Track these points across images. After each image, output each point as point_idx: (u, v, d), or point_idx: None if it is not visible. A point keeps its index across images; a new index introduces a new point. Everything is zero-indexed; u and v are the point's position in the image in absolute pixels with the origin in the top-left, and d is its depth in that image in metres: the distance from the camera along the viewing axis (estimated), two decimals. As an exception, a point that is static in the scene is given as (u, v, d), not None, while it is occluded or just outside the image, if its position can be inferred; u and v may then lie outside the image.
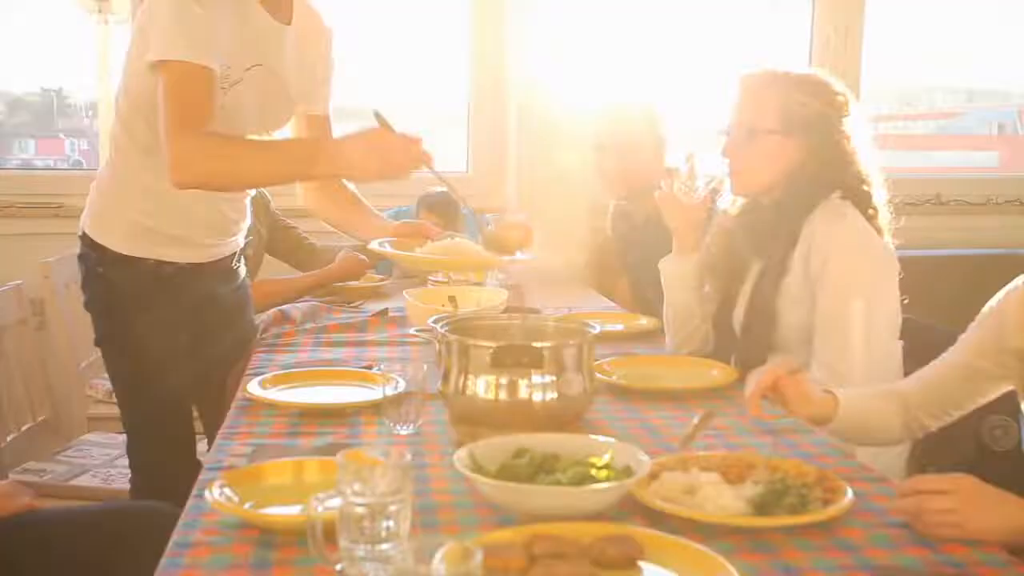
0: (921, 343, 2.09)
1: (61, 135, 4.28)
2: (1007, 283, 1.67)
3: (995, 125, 5.00)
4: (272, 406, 1.80)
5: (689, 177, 2.20)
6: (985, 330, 1.66)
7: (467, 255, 2.18)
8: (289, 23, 2.13)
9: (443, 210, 3.12)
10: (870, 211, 2.05)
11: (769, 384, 1.55)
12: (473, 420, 1.63)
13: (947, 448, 1.79)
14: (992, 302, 1.68)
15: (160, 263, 2.16)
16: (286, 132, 2.30)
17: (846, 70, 3.79)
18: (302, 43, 2.17)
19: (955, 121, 5.02)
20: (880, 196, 2.07)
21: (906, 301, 2.07)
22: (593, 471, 1.34)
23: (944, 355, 1.74)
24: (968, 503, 1.25)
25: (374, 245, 2.22)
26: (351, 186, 2.32)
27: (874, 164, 2.08)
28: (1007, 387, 1.69)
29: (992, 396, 1.73)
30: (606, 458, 1.39)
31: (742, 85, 2.11)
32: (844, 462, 1.56)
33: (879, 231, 2.05)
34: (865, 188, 2.05)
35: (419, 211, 3.23)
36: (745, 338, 2.14)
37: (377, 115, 1.98)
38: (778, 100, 2.04)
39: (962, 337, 1.72)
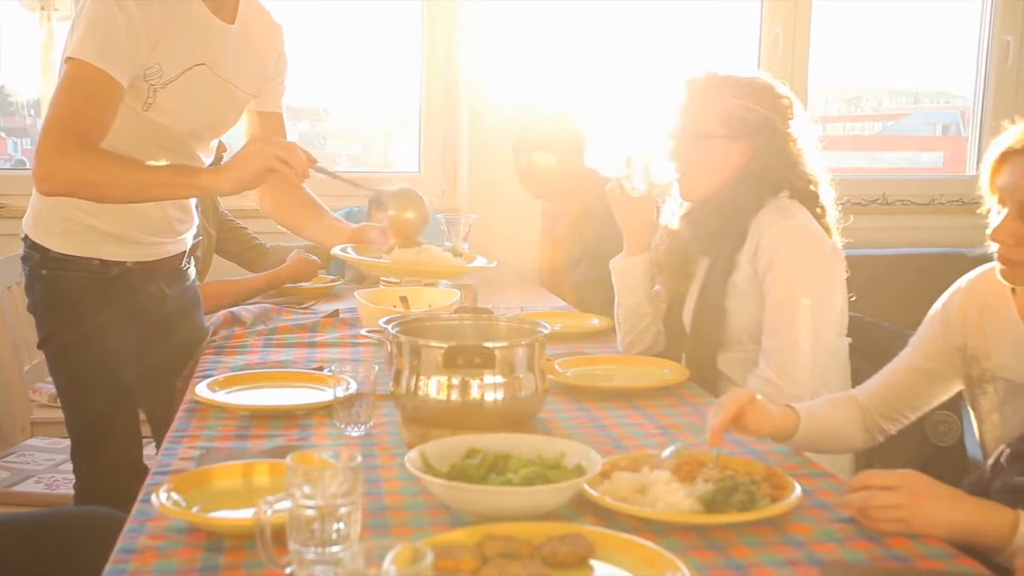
0: (867, 340, 2.12)
1: (3, 134, 4.19)
2: (951, 281, 1.70)
3: (939, 127, 5.09)
4: (221, 408, 1.78)
5: (636, 177, 2.21)
6: (933, 331, 1.68)
7: (436, 263, 2.17)
8: (233, 22, 2.11)
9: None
10: (817, 210, 2.07)
11: (734, 415, 1.51)
12: (425, 421, 1.62)
13: (892, 443, 1.81)
14: (938, 303, 1.70)
15: (105, 263, 2.12)
16: (238, 131, 2.28)
17: (793, 72, 3.85)
18: (248, 42, 2.15)
19: (900, 123, 5.11)
20: (827, 196, 2.10)
21: (853, 299, 2.11)
22: (545, 471, 1.34)
23: (896, 359, 1.75)
24: (914, 499, 1.27)
25: (336, 251, 2.21)
26: (307, 188, 2.30)
27: (820, 165, 2.11)
28: (957, 387, 1.71)
29: (945, 397, 1.74)
30: (558, 457, 1.39)
31: (687, 89, 2.12)
32: (793, 459, 1.58)
33: (826, 229, 2.08)
34: (812, 189, 2.08)
35: (371, 211, 3.22)
36: (694, 336, 2.16)
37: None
38: (722, 105, 2.06)
39: (912, 340, 1.74)
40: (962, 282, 1.65)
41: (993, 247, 1.49)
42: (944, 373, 1.69)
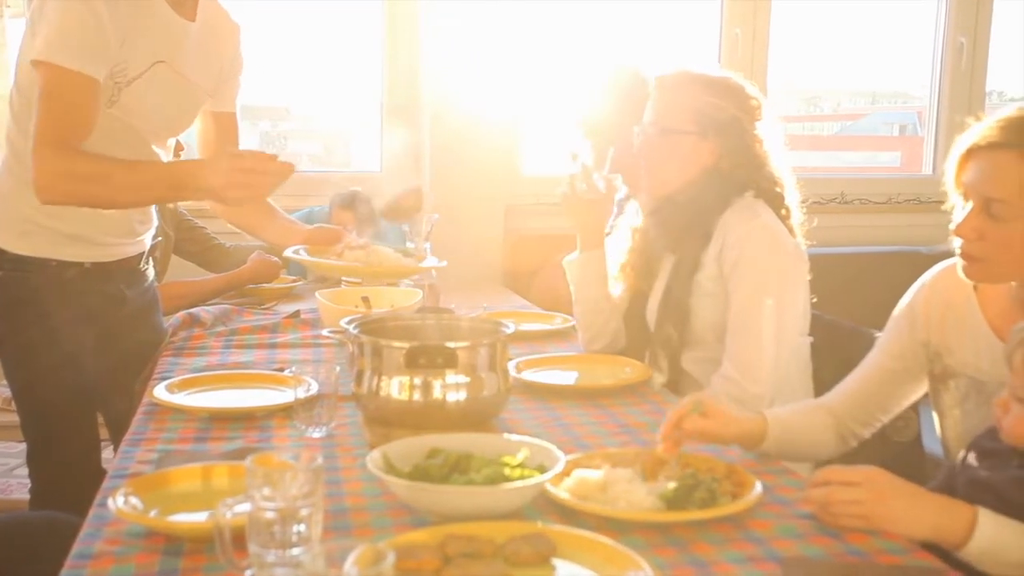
0: (827, 339, 2.14)
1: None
2: (908, 279, 1.71)
3: (896, 127, 5.16)
4: (180, 411, 1.76)
5: (585, 175, 2.21)
6: (899, 329, 1.69)
7: (385, 263, 2.17)
8: (193, 20, 2.09)
9: (357, 208, 3.10)
10: (782, 211, 2.09)
11: (674, 423, 1.49)
12: (387, 421, 1.61)
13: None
14: (902, 302, 1.71)
15: (63, 264, 2.09)
16: (192, 130, 2.26)
17: (753, 72, 3.87)
18: (207, 40, 2.13)
19: (858, 123, 5.17)
20: (792, 197, 2.12)
21: (814, 300, 2.13)
22: (507, 470, 1.34)
23: (863, 362, 1.75)
24: (875, 496, 1.28)
25: (289, 253, 2.19)
26: None
27: (786, 167, 2.13)
28: (919, 389, 1.71)
29: (916, 396, 1.74)
30: (520, 457, 1.39)
31: (658, 85, 2.13)
32: (754, 456, 1.59)
33: (791, 230, 2.09)
34: (777, 189, 2.10)
35: (332, 210, 3.20)
36: (659, 334, 2.16)
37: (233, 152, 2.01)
38: (693, 102, 2.07)
39: (878, 342, 1.74)
40: (926, 278, 1.66)
41: (956, 243, 1.51)
42: (912, 371, 1.69)
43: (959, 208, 1.50)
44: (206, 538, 1.14)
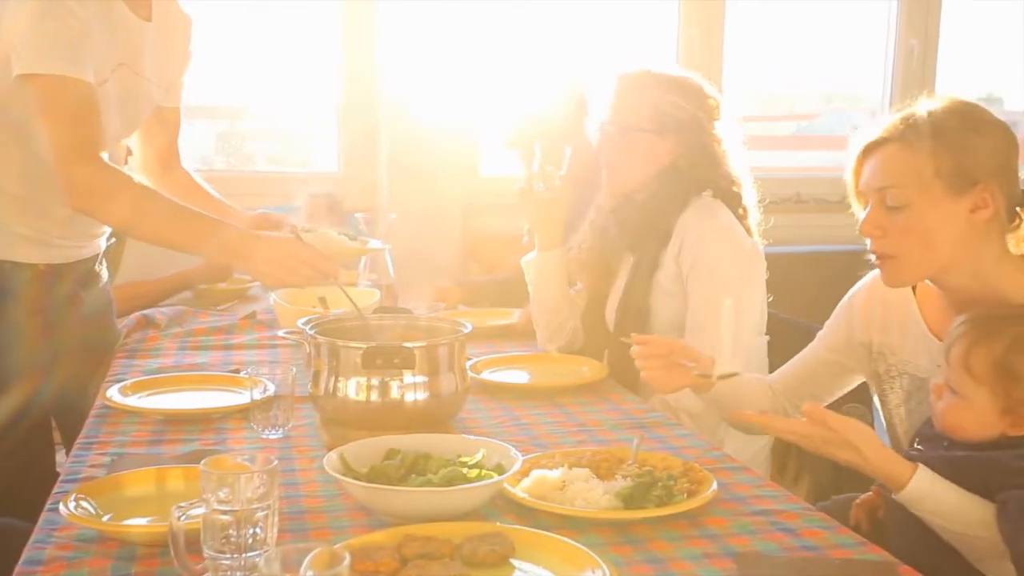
0: (782, 337, 2.17)
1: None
2: (862, 278, 1.74)
3: (851, 127, 5.23)
4: (134, 413, 1.74)
5: (542, 174, 2.22)
6: (837, 326, 1.74)
7: (331, 247, 2.17)
8: (150, 19, 2.06)
9: (329, 203, 3.11)
10: (740, 211, 2.11)
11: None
12: (344, 422, 1.61)
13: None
14: (844, 299, 1.75)
15: (17, 265, 2.05)
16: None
17: (709, 72, 3.89)
18: (163, 39, 2.10)
19: (813, 123, 5.23)
20: (750, 197, 2.14)
21: (771, 299, 2.15)
22: (464, 470, 1.35)
23: (805, 349, 1.81)
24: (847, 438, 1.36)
25: None
26: (201, 181, 2.26)
27: (744, 167, 2.15)
28: (860, 379, 1.76)
29: (847, 389, 1.80)
30: (478, 457, 1.39)
31: (619, 84, 2.15)
32: (709, 453, 1.61)
33: (748, 230, 2.12)
34: (735, 190, 2.12)
35: (307, 201, 3.20)
36: (618, 334, 2.17)
37: (293, 229, 1.96)
38: (653, 100, 2.09)
39: (819, 333, 1.79)
40: (866, 280, 1.70)
41: (870, 251, 1.54)
42: (846, 366, 1.74)
43: (860, 211, 1.53)
44: (160, 542, 1.13)
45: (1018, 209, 1.46)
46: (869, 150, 1.49)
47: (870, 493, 1.56)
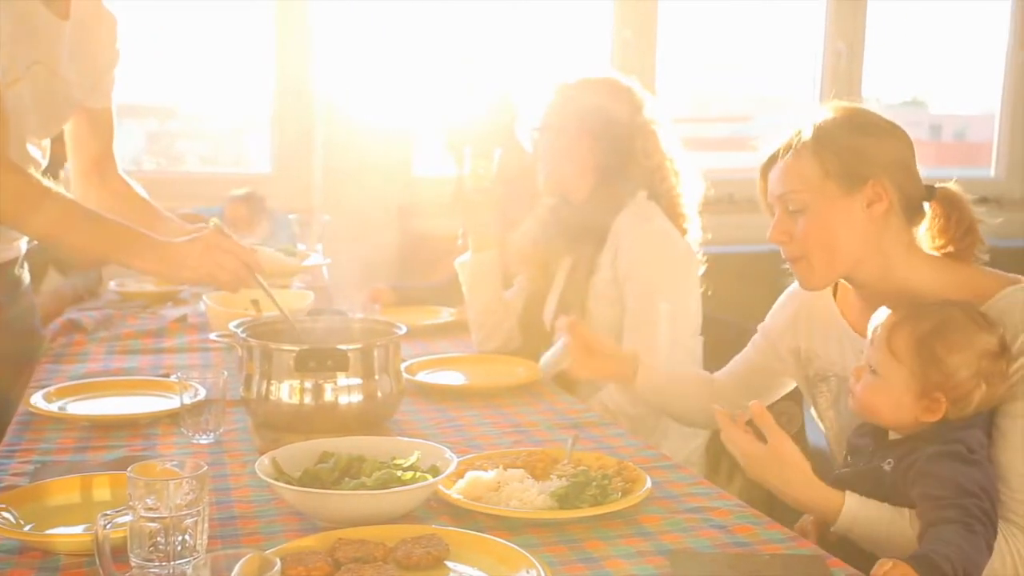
0: (716, 337, 2.19)
1: None
2: (793, 278, 1.77)
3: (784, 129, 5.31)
4: (58, 420, 1.70)
5: (474, 177, 2.22)
6: (767, 332, 1.77)
7: (268, 264, 2.14)
8: (67, 18, 2.01)
9: (251, 203, 3.07)
10: (675, 213, 2.13)
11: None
12: (277, 426, 1.59)
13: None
14: (774, 307, 1.79)
15: (-66, 270, 1.99)
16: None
17: (643, 74, 3.93)
18: (83, 37, 2.05)
19: (747, 125, 5.30)
20: (687, 200, 2.16)
21: (706, 299, 2.18)
22: (399, 473, 1.34)
23: (741, 353, 1.84)
24: (774, 461, 1.42)
25: None
26: (136, 186, 2.22)
27: (680, 169, 2.17)
28: (792, 384, 1.79)
29: (780, 393, 1.83)
30: (412, 459, 1.38)
31: (557, 87, 2.17)
32: (643, 452, 1.62)
33: (684, 232, 2.14)
34: (672, 193, 2.14)
35: (227, 206, 3.16)
36: (557, 335, 2.18)
37: (215, 224, 1.91)
38: (588, 104, 2.11)
39: (753, 339, 1.82)
40: (791, 288, 1.73)
41: (780, 252, 1.57)
42: (776, 370, 1.77)
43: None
44: (85, 552, 1.11)
45: (924, 205, 1.50)
46: (768, 165, 1.55)
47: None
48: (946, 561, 1.20)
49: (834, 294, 1.63)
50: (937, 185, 1.51)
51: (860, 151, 1.46)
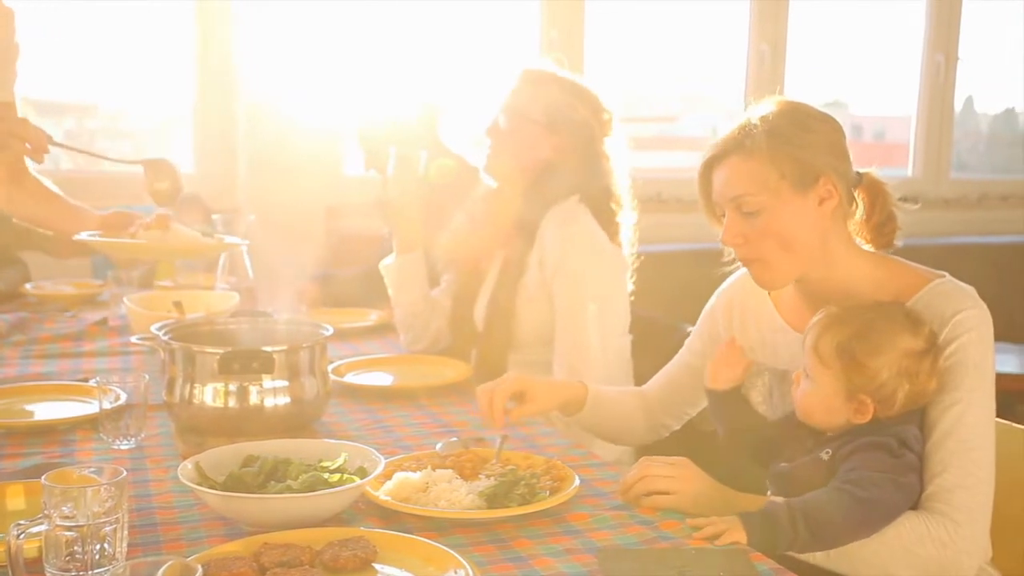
0: (644, 335, 2.21)
1: None
2: (721, 276, 1.78)
3: (711, 128, 5.39)
4: (-29, 427, 1.64)
5: (396, 178, 2.21)
6: (702, 331, 1.77)
7: (186, 243, 2.11)
8: None
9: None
10: (607, 220, 2.13)
11: (495, 414, 1.59)
12: (201, 430, 1.56)
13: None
14: (707, 305, 1.78)
15: None
16: None
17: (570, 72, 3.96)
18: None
19: (674, 124, 5.36)
20: (626, 217, 2.17)
21: (633, 298, 2.19)
22: (326, 475, 1.32)
23: (675, 357, 1.82)
24: (685, 477, 1.39)
25: (83, 236, 2.09)
26: (52, 186, 2.16)
27: (625, 185, 2.18)
28: None
29: None
30: (339, 461, 1.37)
31: (521, 74, 2.18)
32: (573, 451, 1.63)
33: (612, 235, 2.14)
34: (612, 206, 2.14)
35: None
36: (486, 336, 2.18)
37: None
38: (549, 96, 2.12)
39: (687, 340, 1.82)
40: (725, 285, 1.75)
41: (733, 254, 1.58)
42: None
43: (716, 221, 1.58)
44: (-2, 563, 1.07)
45: (854, 192, 1.52)
46: (712, 164, 1.53)
47: None
48: (783, 508, 1.26)
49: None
50: (862, 171, 1.54)
51: (810, 148, 1.46)
